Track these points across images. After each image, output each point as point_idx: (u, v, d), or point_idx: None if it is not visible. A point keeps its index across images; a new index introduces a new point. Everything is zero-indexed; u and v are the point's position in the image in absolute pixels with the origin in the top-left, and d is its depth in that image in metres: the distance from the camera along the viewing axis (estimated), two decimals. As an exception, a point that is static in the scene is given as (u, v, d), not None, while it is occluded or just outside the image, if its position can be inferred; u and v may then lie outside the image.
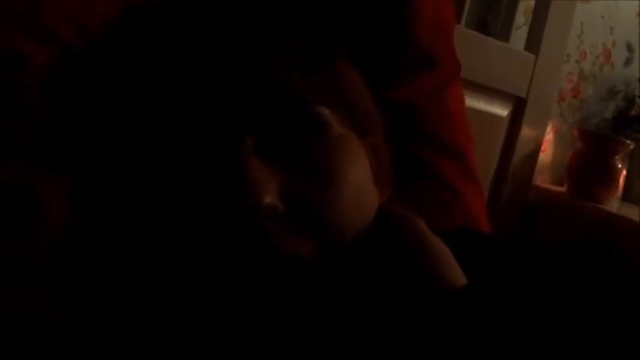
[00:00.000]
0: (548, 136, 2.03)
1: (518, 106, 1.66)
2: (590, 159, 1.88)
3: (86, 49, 0.53)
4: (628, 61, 2.25)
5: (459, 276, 0.49)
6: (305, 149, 0.48)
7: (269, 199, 0.45)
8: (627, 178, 2.01)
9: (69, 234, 0.50)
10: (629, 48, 2.24)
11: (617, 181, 1.89)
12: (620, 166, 1.88)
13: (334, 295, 0.46)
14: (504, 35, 1.67)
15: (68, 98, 0.51)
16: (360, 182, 0.51)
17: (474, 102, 1.50)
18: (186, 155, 0.47)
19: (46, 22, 0.52)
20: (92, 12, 0.54)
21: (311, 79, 0.51)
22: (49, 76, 0.51)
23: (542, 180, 2.05)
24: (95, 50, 0.53)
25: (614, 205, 1.89)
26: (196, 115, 0.48)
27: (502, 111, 1.64)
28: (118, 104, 0.51)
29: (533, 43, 1.68)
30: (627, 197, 2.07)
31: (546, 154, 2.05)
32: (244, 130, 0.47)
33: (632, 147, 1.91)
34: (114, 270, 0.50)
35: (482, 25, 1.66)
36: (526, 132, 1.69)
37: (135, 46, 0.52)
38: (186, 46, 0.50)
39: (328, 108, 0.50)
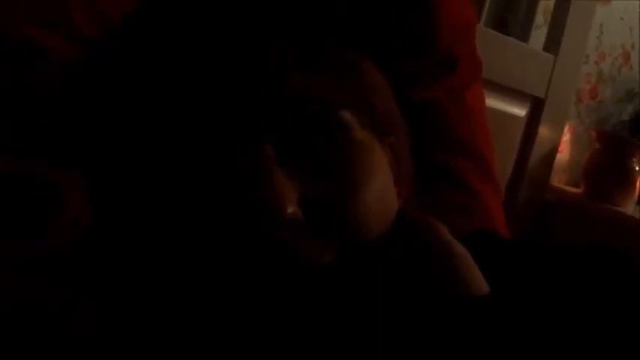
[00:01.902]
0: (565, 137, 2.03)
1: (536, 107, 1.66)
2: (607, 161, 1.88)
3: (100, 46, 0.53)
4: (647, 63, 2.24)
5: (481, 283, 0.48)
6: (326, 154, 0.48)
7: (291, 209, 0.44)
8: (644, 180, 2.00)
9: (88, 232, 0.51)
10: (649, 50, 2.23)
11: (634, 183, 1.89)
12: (637, 168, 1.88)
13: (356, 303, 0.46)
14: (524, 35, 1.67)
15: (85, 94, 0.52)
16: (381, 187, 0.50)
17: (492, 102, 1.49)
18: (206, 162, 0.47)
19: (71, 18, 0.53)
20: (116, 9, 0.54)
21: (333, 80, 0.50)
22: (69, 70, 0.52)
23: (558, 180, 2.05)
24: (107, 48, 0.53)
25: (630, 207, 1.89)
26: (215, 120, 0.47)
27: (520, 111, 1.64)
28: (127, 105, 0.50)
29: (553, 44, 1.68)
30: (643, 200, 2.06)
31: (563, 154, 2.05)
32: (265, 135, 0.46)
33: (649, 150, 1.90)
34: (130, 273, 0.50)
35: (501, 25, 1.66)
36: (543, 132, 1.69)
37: (143, 48, 0.51)
38: (200, 48, 0.49)
39: (350, 109, 0.50)
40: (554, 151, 1.76)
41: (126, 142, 0.50)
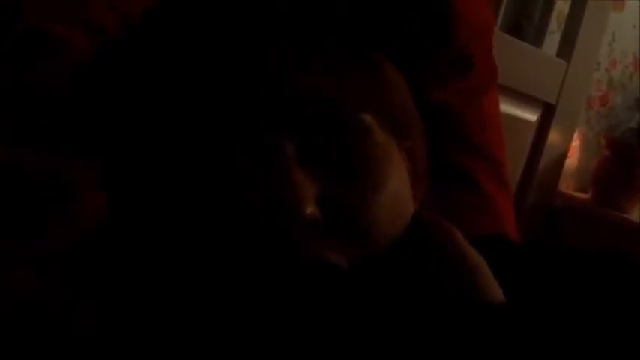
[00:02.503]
0: (575, 143, 2.03)
1: (547, 112, 1.67)
2: (616, 168, 1.88)
3: (112, 44, 0.54)
4: (658, 71, 2.24)
5: (495, 289, 0.49)
6: (345, 155, 0.48)
7: (310, 208, 0.44)
8: (652, 188, 2.01)
9: (103, 217, 0.51)
10: (660, 58, 2.23)
11: (642, 191, 1.89)
12: (645, 176, 1.89)
13: (366, 307, 0.46)
14: (538, 40, 1.68)
15: (101, 85, 0.52)
16: (397, 190, 0.50)
17: (503, 106, 1.48)
18: (225, 161, 0.47)
19: (92, 13, 0.53)
20: (136, 4, 0.55)
21: (354, 81, 0.51)
22: (81, 67, 0.52)
23: (566, 186, 2.06)
24: (118, 47, 0.53)
25: (637, 214, 1.89)
26: (235, 120, 0.47)
27: (531, 116, 1.65)
28: (133, 105, 0.51)
29: (566, 50, 1.68)
30: (651, 208, 2.07)
31: (572, 160, 2.05)
32: (285, 134, 0.47)
33: (657, 158, 1.91)
34: (138, 273, 0.50)
35: (516, 29, 1.67)
36: (554, 138, 1.69)
37: (153, 49, 0.52)
38: (220, 50, 0.50)
39: (370, 112, 0.50)
40: (563, 156, 1.77)
41: (139, 142, 0.50)
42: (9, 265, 0.49)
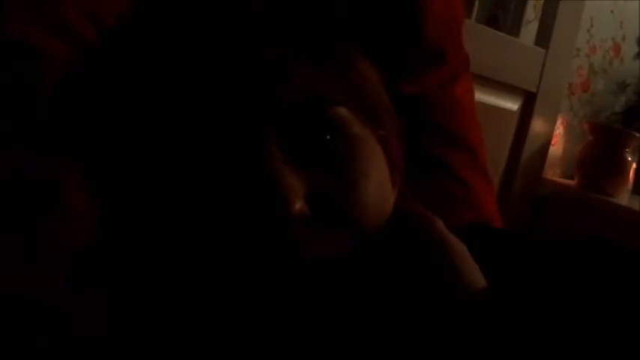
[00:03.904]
0: (559, 130, 2.04)
1: (529, 101, 1.68)
2: (600, 152, 1.89)
3: (100, 45, 0.54)
4: (638, 55, 2.25)
5: (478, 277, 0.49)
6: (326, 150, 0.48)
7: (298, 205, 0.45)
8: (637, 171, 2.01)
9: (91, 223, 0.51)
10: (640, 42, 2.25)
11: (627, 174, 1.91)
12: (630, 159, 1.90)
13: (354, 299, 0.47)
14: (514, 30, 1.69)
15: (85, 92, 0.52)
16: (379, 179, 0.51)
17: (484, 96, 1.51)
18: (210, 163, 0.47)
19: (67, 19, 0.53)
20: (111, 9, 0.55)
21: (329, 77, 0.51)
22: (67, 70, 0.52)
23: (552, 173, 2.07)
24: (108, 48, 0.53)
25: (624, 198, 1.90)
26: (215, 119, 0.47)
27: (512, 105, 1.66)
28: (128, 107, 0.51)
29: (543, 38, 1.69)
30: (637, 190, 2.07)
31: (557, 147, 2.06)
32: (268, 134, 0.47)
33: (642, 140, 1.93)
34: (135, 273, 0.51)
35: (492, 21, 1.68)
36: (536, 126, 1.70)
37: (142, 48, 0.52)
38: (197, 49, 0.50)
39: (346, 106, 0.50)
40: (547, 144, 1.78)
41: (129, 145, 0.50)
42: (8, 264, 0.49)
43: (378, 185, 0.50)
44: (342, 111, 0.50)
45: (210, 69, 0.49)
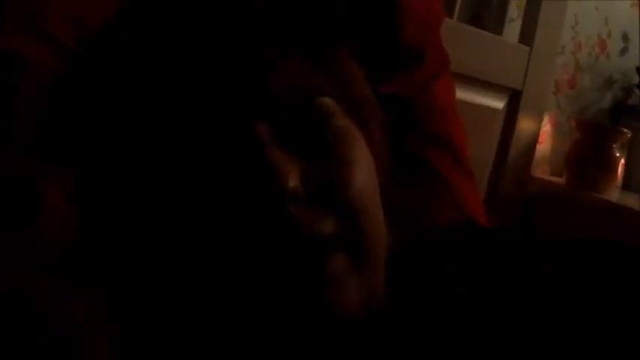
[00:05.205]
0: (546, 128, 2.04)
1: (514, 99, 1.68)
2: (589, 149, 1.89)
3: (84, 48, 0.54)
4: (624, 51, 2.25)
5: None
6: (314, 138, 0.50)
7: (293, 182, 0.46)
8: (626, 166, 2.02)
9: (70, 228, 0.51)
10: (625, 38, 2.25)
11: (616, 169, 1.90)
12: (618, 154, 1.90)
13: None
14: (498, 28, 1.69)
15: (68, 96, 0.52)
16: (367, 168, 0.52)
17: (469, 95, 1.51)
18: (201, 147, 0.48)
19: (48, 25, 0.54)
20: (92, 13, 0.55)
21: (317, 72, 0.53)
22: (49, 74, 0.53)
23: (541, 172, 2.06)
24: (94, 49, 0.54)
25: (614, 193, 1.90)
26: (208, 108, 0.49)
27: (498, 104, 1.65)
28: (120, 99, 0.52)
29: (527, 36, 1.69)
30: (627, 186, 2.08)
31: (545, 145, 2.06)
32: (259, 121, 0.48)
33: (629, 135, 1.93)
34: (127, 265, 0.51)
35: (475, 19, 1.67)
36: (522, 124, 1.70)
37: (134, 43, 0.53)
38: (189, 41, 0.51)
39: (332, 97, 0.52)
40: (534, 142, 1.77)
41: (118, 138, 0.51)
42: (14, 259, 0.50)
43: (366, 173, 0.51)
44: (329, 102, 0.51)
45: (206, 63, 0.50)
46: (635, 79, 2.16)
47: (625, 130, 1.90)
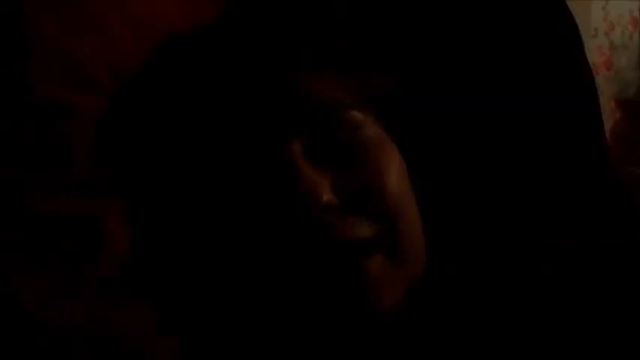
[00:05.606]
0: (586, 111, 2.02)
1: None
2: (630, 128, 1.88)
3: (121, 92, 0.56)
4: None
5: None
6: (347, 150, 0.51)
7: (326, 197, 0.48)
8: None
9: (128, 252, 0.53)
10: (657, 12, 2.22)
11: (660, 146, 1.89)
12: (660, 130, 1.88)
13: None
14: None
15: (117, 137, 0.55)
16: (399, 174, 0.52)
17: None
18: (238, 166, 0.50)
19: (89, 73, 0.55)
20: (127, 58, 0.56)
21: (343, 80, 0.53)
22: (97, 120, 0.54)
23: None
24: (128, 93, 0.56)
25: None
26: (242, 124, 0.50)
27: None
28: (160, 136, 0.54)
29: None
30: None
31: (586, 128, 2.04)
32: (290, 135, 0.50)
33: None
34: (181, 284, 0.53)
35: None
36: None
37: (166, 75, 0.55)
38: (217, 64, 0.53)
39: (359, 110, 0.52)
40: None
41: (164, 179, 0.54)
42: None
43: (400, 181, 0.52)
44: (357, 114, 0.52)
45: (238, 74, 0.52)
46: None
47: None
